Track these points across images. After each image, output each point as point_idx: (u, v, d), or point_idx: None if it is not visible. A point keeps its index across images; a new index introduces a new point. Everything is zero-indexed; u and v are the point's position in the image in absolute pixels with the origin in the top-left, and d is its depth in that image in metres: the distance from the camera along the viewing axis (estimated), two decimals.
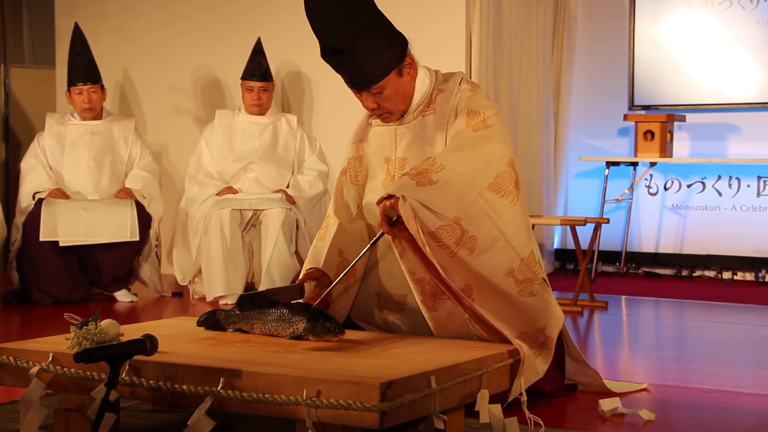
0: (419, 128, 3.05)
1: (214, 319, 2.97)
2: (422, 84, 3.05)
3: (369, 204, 3.10)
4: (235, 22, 6.58)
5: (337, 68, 2.97)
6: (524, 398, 2.73)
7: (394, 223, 2.82)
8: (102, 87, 5.78)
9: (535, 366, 2.89)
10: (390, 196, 2.82)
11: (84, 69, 5.71)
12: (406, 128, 3.07)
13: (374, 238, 2.95)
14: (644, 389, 3.40)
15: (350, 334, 2.89)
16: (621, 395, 3.24)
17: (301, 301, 2.99)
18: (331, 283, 2.98)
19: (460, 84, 3.04)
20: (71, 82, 5.73)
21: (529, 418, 2.72)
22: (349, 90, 3.06)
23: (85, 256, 5.53)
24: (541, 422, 2.76)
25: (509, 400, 2.72)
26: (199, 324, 2.98)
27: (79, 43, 5.79)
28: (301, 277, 3.10)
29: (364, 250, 2.94)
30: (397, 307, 3.08)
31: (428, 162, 2.86)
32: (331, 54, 2.94)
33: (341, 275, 2.92)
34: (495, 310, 2.87)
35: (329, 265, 3.07)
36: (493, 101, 3.09)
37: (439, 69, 3.14)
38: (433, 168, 2.82)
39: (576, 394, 3.31)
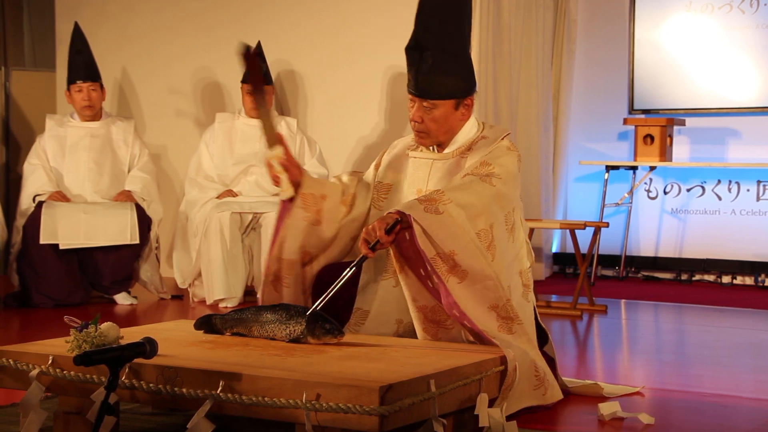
0: (454, 167, 3.16)
1: (210, 324, 2.97)
2: (469, 131, 3.20)
3: None
4: (235, 25, 6.59)
5: (411, 65, 3.12)
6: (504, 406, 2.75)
7: (373, 246, 2.88)
8: (101, 86, 5.79)
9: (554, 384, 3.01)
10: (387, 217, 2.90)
11: (84, 66, 5.72)
12: (442, 164, 3.19)
13: (356, 261, 2.96)
14: (638, 392, 3.40)
15: (350, 338, 2.89)
16: (601, 399, 3.23)
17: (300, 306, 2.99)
18: (300, 182, 3.12)
19: (502, 139, 3.18)
20: (71, 80, 5.74)
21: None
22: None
23: (85, 258, 5.53)
24: None
25: (507, 413, 2.73)
26: (196, 328, 2.99)
27: (79, 41, 5.80)
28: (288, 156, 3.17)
29: (346, 272, 2.92)
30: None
31: (437, 193, 2.98)
32: (414, 47, 3.10)
33: (324, 298, 2.89)
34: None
35: (313, 187, 3.18)
36: (518, 171, 3.15)
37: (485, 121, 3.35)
38: (441, 199, 2.94)
39: (577, 398, 3.30)
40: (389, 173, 3.28)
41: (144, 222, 5.58)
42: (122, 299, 5.59)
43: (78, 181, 5.67)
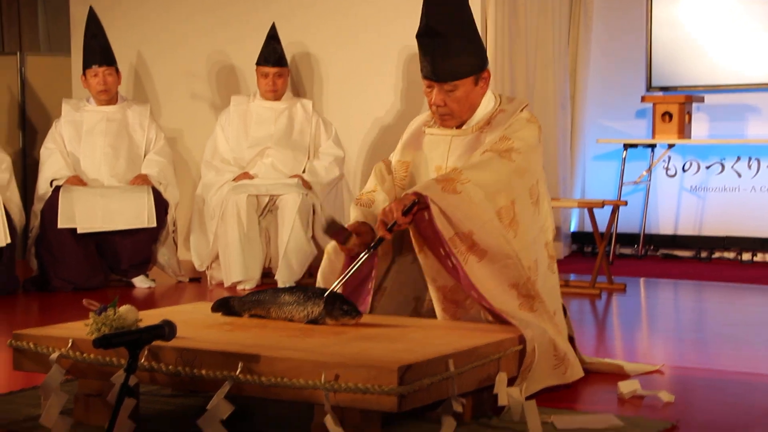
0: (474, 142, 3.15)
1: (228, 306, 2.97)
2: (487, 104, 3.20)
3: None
4: (248, 6, 6.57)
5: (426, 52, 3.11)
6: (523, 386, 2.75)
7: (391, 228, 2.89)
8: (117, 70, 5.79)
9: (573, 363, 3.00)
10: (404, 198, 2.90)
11: (99, 51, 5.72)
12: (461, 140, 3.17)
13: (373, 242, 2.96)
14: (657, 370, 3.38)
15: (367, 318, 2.89)
16: (621, 377, 3.21)
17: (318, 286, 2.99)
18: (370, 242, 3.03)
19: (521, 111, 3.17)
20: (86, 65, 5.74)
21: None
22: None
23: (102, 242, 5.55)
24: None
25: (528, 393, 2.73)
26: (213, 310, 2.99)
27: (94, 26, 5.80)
28: (349, 224, 3.11)
29: (363, 254, 2.94)
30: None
31: (455, 172, 2.97)
32: (427, 34, 3.09)
33: (341, 280, 2.92)
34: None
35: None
36: (539, 142, 3.15)
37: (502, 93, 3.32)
38: (459, 179, 2.94)
39: (596, 376, 3.29)
40: (408, 151, 3.28)
41: (161, 205, 5.59)
42: (140, 282, 5.61)
43: (94, 165, 5.69)
